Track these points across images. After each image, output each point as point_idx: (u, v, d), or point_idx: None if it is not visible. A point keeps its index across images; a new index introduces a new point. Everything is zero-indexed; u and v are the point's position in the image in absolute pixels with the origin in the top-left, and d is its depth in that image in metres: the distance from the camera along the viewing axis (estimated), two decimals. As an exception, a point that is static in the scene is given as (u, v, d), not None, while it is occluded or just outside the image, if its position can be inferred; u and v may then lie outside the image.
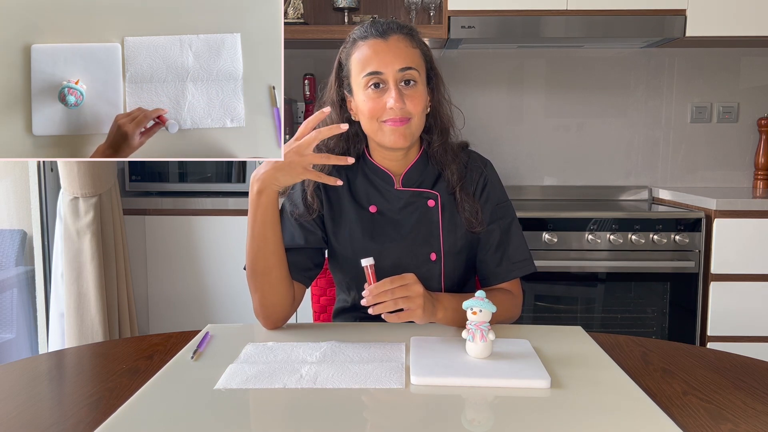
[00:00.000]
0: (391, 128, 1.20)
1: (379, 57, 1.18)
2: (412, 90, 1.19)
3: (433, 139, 1.29)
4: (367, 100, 1.20)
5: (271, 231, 1.17)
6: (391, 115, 1.19)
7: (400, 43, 1.19)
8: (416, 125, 1.22)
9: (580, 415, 0.83)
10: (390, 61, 1.18)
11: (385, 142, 1.22)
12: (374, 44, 1.19)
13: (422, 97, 1.21)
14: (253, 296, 1.21)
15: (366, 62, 1.19)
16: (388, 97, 1.18)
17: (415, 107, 1.20)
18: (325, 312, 1.49)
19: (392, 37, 1.19)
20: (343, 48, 1.26)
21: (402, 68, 1.18)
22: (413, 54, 1.20)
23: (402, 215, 1.28)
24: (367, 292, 1.07)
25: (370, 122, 1.22)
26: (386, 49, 1.18)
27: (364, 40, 1.21)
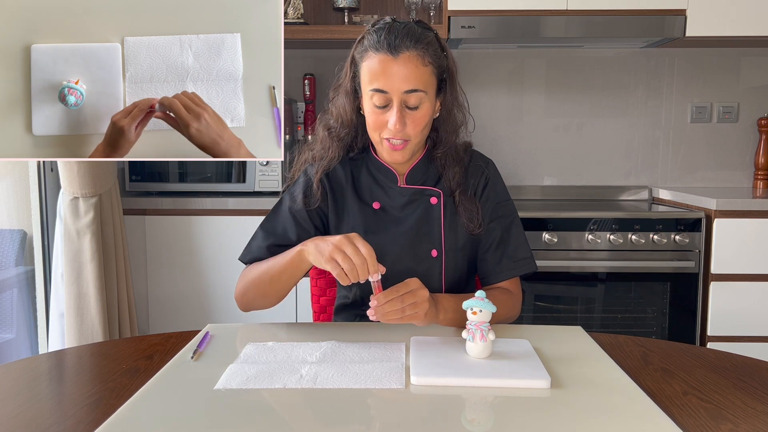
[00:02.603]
0: (389, 148, 1.22)
1: (386, 76, 1.16)
2: (415, 112, 1.19)
3: (438, 142, 1.29)
4: (370, 112, 1.21)
5: (289, 283, 1.20)
6: (390, 135, 1.20)
7: (409, 63, 1.16)
8: (416, 144, 1.23)
9: (580, 415, 0.83)
10: (397, 82, 1.16)
11: (383, 156, 1.26)
12: (384, 60, 1.16)
13: (425, 119, 1.21)
14: (240, 291, 1.26)
15: (373, 77, 1.18)
16: (389, 116, 1.18)
17: (415, 129, 1.20)
18: (325, 312, 1.49)
19: (403, 55, 1.16)
20: (357, 46, 1.24)
21: (407, 90, 1.17)
22: (422, 73, 1.17)
23: (404, 212, 1.28)
24: (374, 302, 1.05)
25: (373, 133, 1.23)
26: (394, 68, 1.16)
27: (375, 52, 1.17)
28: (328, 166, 1.30)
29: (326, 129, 1.32)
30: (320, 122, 1.34)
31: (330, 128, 1.31)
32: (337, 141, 1.30)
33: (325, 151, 1.31)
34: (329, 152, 1.30)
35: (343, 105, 1.28)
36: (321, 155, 1.32)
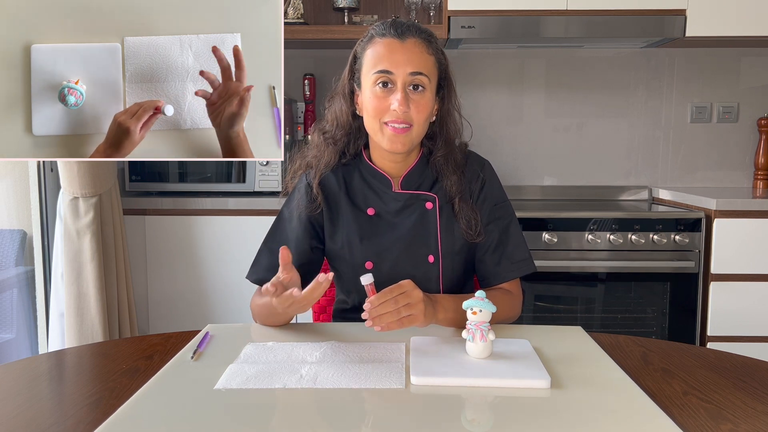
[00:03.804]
0: (391, 133, 1.20)
1: (392, 57, 1.18)
2: (419, 96, 1.19)
3: (436, 148, 1.28)
4: (373, 97, 1.20)
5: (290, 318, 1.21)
6: (393, 116, 1.19)
7: (415, 47, 1.19)
8: (417, 133, 1.22)
9: (580, 415, 0.83)
10: (402, 63, 1.17)
11: (383, 144, 1.23)
12: (390, 43, 1.19)
13: (428, 105, 1.21)
14: (253, 314, 1.26)
15: (378, 59, 1.19)
16: (393, 98, 1.18)
17: (419, 114, 1.19)
18: (325, 312, 1.49)
19: (409, 40, 1.19)
20: (360, 41, 1.25)
21: (413, 72, 1.18)
22: (427, 60, 1.20)
23: (400, 217, 1.28)
24: (368, 305, 1.04)
25: (373, 121, 1.22)
26: (401, 50, 1.18)
27: (381, 38, 1.20)
28: (324, 170, 1.30)
29: (321, 133, 1.31)
30: (315, 129, 1.34)
31: (325, 131, 1.31)
32: (332, 144, 1.29)
33: (320, 155, 1.30)
34: (324, 156, 1.29)
35: (339, 107, 1.28)
36: (316, 161, 1.31)
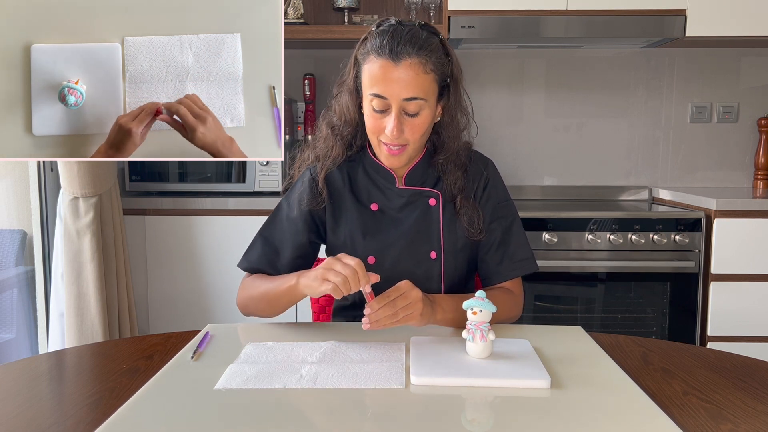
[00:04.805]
0: (386, 152, 1.22)
1: (386, 80, 1.14)
2: (414, 119, 1.18)
3: (440, 146, 1.28)
4: (369, 116, 1.20)
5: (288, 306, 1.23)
6: (388, 140, 1.19)
7: (410, 70, 1.14)
8: (414, 149, 1.22)
9: (580, 415, 0.83)
10: (396, 89, 1.14)
11: (381, 158, 1.26)
12: (385, 66, 1.14)
13: (423, 125, 1.19)
14: (242, 303, 1.28)
15: (374, 81, 1.16)
16: (387, 121, 1.17)
17: (414, 134, 1.19)
18: (325, 312, 1.49)
19: (404, 62, 1.13)
20: (361, 46, 1.21)
21: (407, 98, 1.15)
22: (423, 81, 1.16)
23: (403, 213, 1.28)
24: (368, 310, 1.06)
25: (371, 135, 1.23)
26: (395, 75, 1.14)
27: (377, 57, 1.15)
28: (332, 164, 1.30)
29: (330, 127, 1.30)
30: (323, 119, 1.32)
31: (333, 126, 1.30)
32: (340, 139, 1.29)
33: (328, 149, 1.30)
34: (333, 150, 1.29)
35: (346, 103, 1.26)
36: (324, 154, 1.30)
